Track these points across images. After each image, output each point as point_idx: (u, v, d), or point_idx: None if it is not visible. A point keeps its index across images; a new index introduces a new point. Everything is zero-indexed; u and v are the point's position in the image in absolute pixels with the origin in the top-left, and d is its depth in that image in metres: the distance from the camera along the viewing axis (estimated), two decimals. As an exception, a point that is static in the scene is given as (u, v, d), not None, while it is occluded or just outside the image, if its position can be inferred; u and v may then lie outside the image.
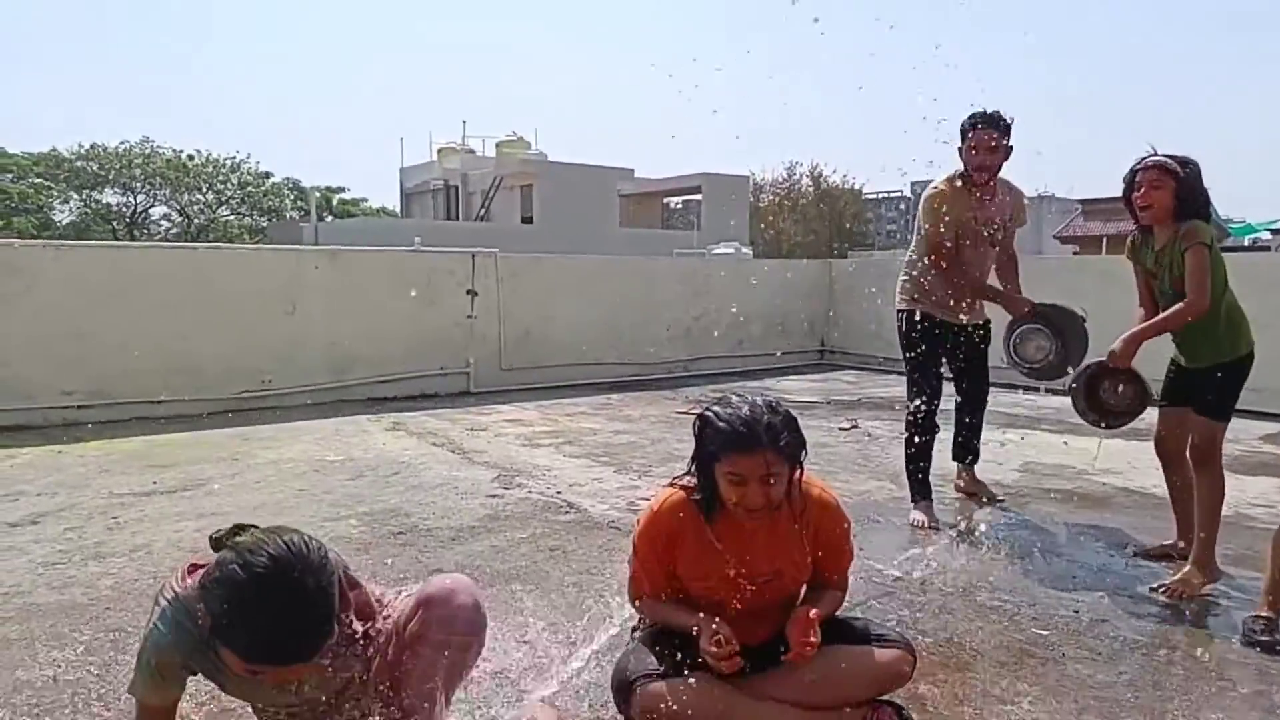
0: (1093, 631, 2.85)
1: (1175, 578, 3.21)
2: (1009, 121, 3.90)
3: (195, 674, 1.82)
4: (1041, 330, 4.00)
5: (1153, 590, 3.20)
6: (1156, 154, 3.26)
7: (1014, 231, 4.22)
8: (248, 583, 1.54)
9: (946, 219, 3.95)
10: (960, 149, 3.97)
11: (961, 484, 4.48)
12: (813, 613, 2.03)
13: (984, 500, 4.38)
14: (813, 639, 1.99)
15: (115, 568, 3.38)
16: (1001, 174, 4.07)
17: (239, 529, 1.72)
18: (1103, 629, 2.86)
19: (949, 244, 3.99)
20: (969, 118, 3.91)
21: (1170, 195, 3.20)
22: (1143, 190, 3.23)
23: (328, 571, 1.62)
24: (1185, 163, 3.22)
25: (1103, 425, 3.50)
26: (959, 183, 4.02)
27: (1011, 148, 3.95)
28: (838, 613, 2.27)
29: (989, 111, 3.89)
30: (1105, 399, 3.49)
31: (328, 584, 1.60)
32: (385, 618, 2.01)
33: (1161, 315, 3.23)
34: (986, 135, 3.87)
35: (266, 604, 1.54)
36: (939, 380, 4.11)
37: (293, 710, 1.92)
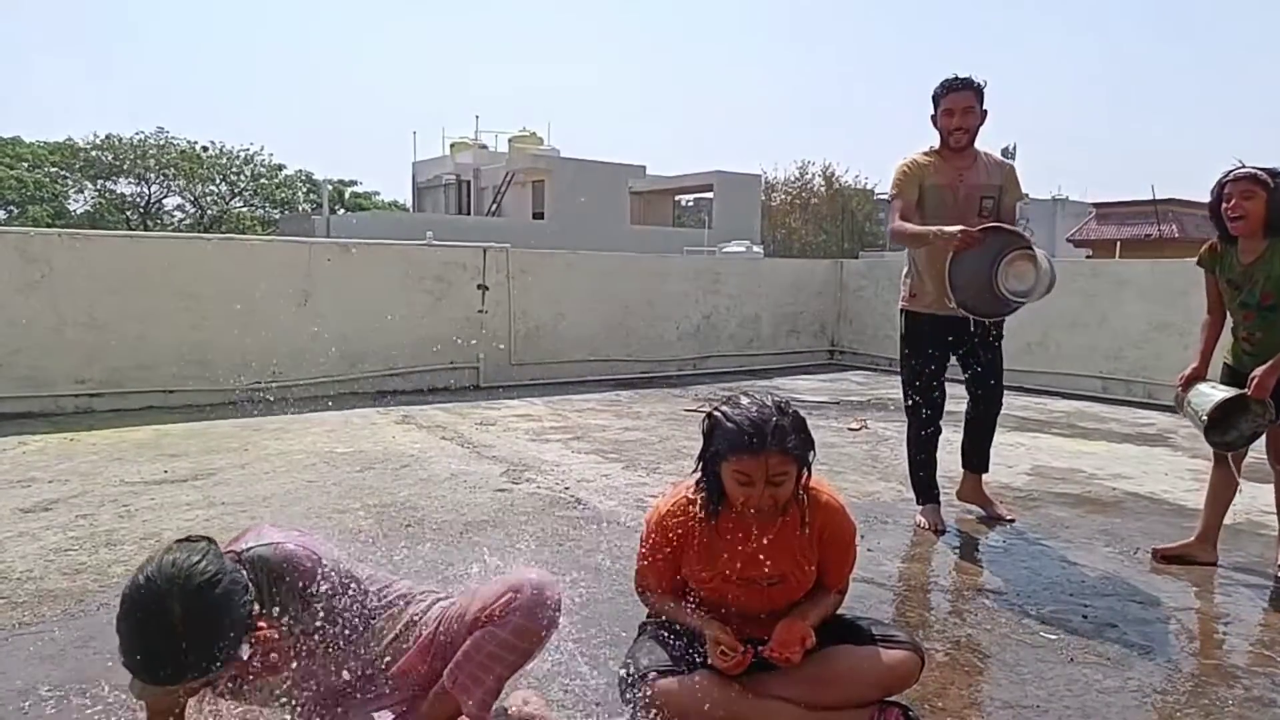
0: (1101, 636, 2.84)
1: None
2: (981, 84, 3.78)
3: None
4: (1029, 254, 3.53)
5: None
6: (1244, 165, 3.26)
7: (1012, 208, 3.97)
8: (123, 597, 1.56)
9: (915, 183, 3.80)
10: (934, 117, 3.84)
11: (968, 493, 4.19)
12: (808, 640, 2.03)
13: (989, 514, 4.14)
14: (793, 656, 2.00)
15: (126, 555, 3.40)
16: (989, 149, 3.96)
17: (190, 539, 1.68)
18: (1112, 633, 2.85)
19: (915, 203, 3.79)
20: (941, 83, 3.79)
21: (1262, 206, 3.20)
22: (1233, 202, 3.23)
23: (209, 600, 1.55)
24: (1275, 174, 3.21)
25: (1225, 445, 3.42)
26: (933, 157, 3.86)
27: (986, 112, 3.82)
28: (848, 613, 2.27)
29: (960, 76, 3.77)
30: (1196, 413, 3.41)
31: (204, 612, 1.54)
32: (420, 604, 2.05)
33: None
34: (960, 97, 3.75)
35: (128, 622, 1.54)
36: (935, 383, 3.97)
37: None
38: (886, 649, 2.11)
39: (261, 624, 1.68)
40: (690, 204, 37.50)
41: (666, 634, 2.16)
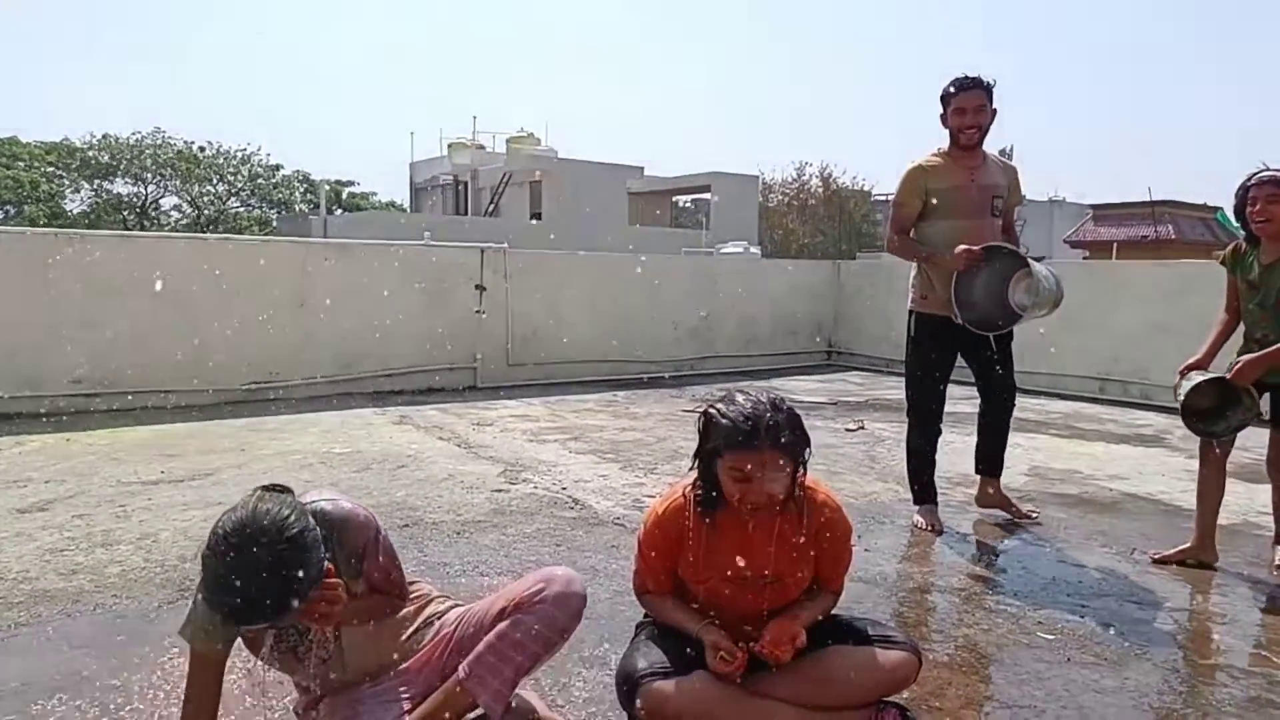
0: (1099, 636, 2.84)
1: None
2: (991, 83, 3.79)
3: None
4: (1027, 271, 3.68)
5: None
6: (1268, 168, 3.28)
7: (1012, 211, 4.04)
8: (213, 534, 1.65)
9: (918, 195, 3.84)
10: (943, 116, 3.85)
11: (987, 498, 4.17)
12: (799, 639, 2.03)
13: (1014, 516, 4.12)
14: (782, 654, 2.00)
15: (122, 555, 3.39)
16: (993, 152, 3.98)
17: (274, 487, 1.78)
18: (1109, 634, 2.85)
19: (915, 215, 3.87)
20: (950, 83, 3.80)
21: None
22: (1258, 206, 3.26)
23: (294, 553, 1.63)
24: None
25: (1210, 432, 3.42)
26: (942, 158, 3.88)
27: (996, 110, 3.83)
28: (845, 614, 2.27)
29: (970, 75, 3.78)
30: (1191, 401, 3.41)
31: (288, 562, 1.62)
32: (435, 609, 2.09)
33: None
34: (971, 96, 3.76)
35: (215, 558, 1.63)
36: (940, 385, 3.99)
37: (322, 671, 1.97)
38: (884, 649, 2.11)
39: (329, 571, 1.74)
40: (688, 205, 37.45)
41: (664, 635, 2.16)
